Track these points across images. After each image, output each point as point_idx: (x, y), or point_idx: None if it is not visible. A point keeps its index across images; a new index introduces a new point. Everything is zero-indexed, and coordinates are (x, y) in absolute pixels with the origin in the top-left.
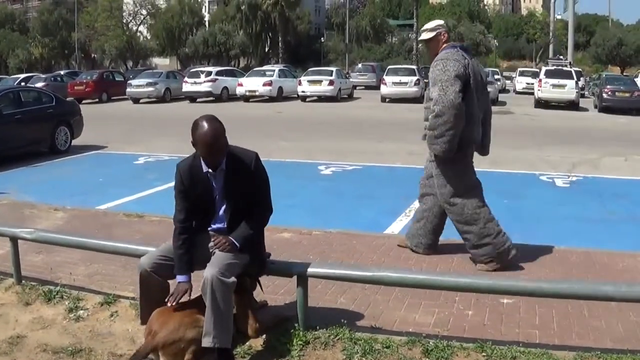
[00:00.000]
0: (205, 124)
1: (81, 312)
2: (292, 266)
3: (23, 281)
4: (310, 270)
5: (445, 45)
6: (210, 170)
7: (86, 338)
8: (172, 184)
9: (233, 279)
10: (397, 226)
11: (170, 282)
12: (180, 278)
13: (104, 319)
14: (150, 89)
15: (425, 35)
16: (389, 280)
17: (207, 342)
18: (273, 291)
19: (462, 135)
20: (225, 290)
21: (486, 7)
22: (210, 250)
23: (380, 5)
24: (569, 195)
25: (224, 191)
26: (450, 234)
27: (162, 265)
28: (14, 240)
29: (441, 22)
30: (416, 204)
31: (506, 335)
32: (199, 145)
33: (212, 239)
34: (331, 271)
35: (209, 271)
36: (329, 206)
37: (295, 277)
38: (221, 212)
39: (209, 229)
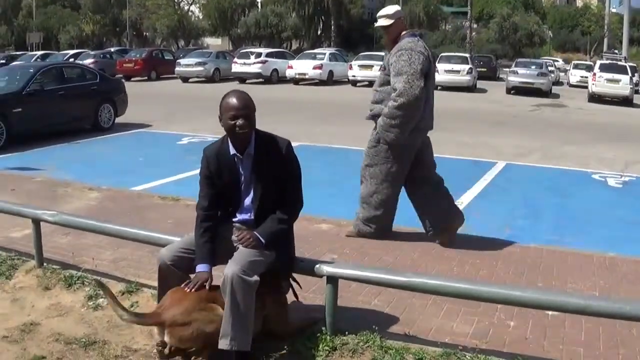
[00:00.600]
0: (232, 93)
1: (101, 300)
2: (322, 266)
3: (45, 264)
4: (340, 271)
5: (404, 32)
6: (237, 153)
7: (102, 329)
8: None
9: (256, 277)
10: None
11: (191, 275)
12: (200, 267)
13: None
14: (200, 68)
15: (384, 22)
16: (425, 288)
17: (224, 344)
18: (303, 288)
19: (418, 123)
20: (246, 290)
21: None
22: (235, 245)
23: None
24: (622, 196)
25: (252, 178)
26: (488, 232)
27: (184, 259)
28: (37, 222)
29: (399, 7)
30: (463, 198)
31: (549, 352)
32: (224, 116)
33: (236, 234)
34: (363, 274)
35: (230, 268)
36: None
37: (324, 278)
38: (247, 201)
39: (234, 220)
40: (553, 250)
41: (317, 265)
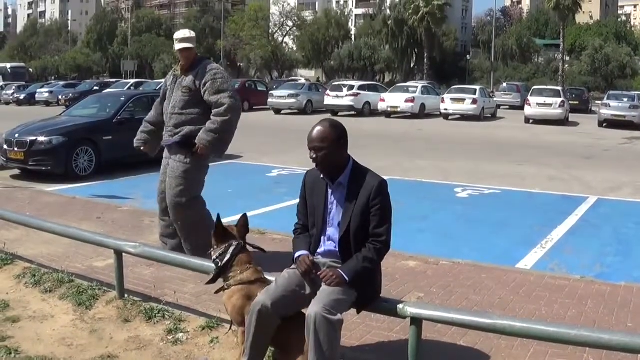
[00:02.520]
0: (317, 124)
1: (180, 334)
2: (406, 307)
3: (126, 296)
4: (424, 312)
5: (196, 56)
6: (327, 181)
7: None
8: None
9: (339, 316)
10: (531, 259)
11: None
12: (299, 253)
13: (203, 344)
14: (292, 100)
15: (188, 44)
16: (512, 331)
17: None
18: (387, 328)
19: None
20: (330, 329)
21: (633, 29)
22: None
23: (527, 25)
24: None
25: (339, 208)
26: (579, 269)
27: (283, 303)
28: (119, 253)
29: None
30: (553, 234)
31: None
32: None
33: (319, 273)
34: (448, 315)
35: (314, 307)
36: (461, 233)
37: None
38: (333, 230)
39: (318, 251)
40: None
41: (401, 306)
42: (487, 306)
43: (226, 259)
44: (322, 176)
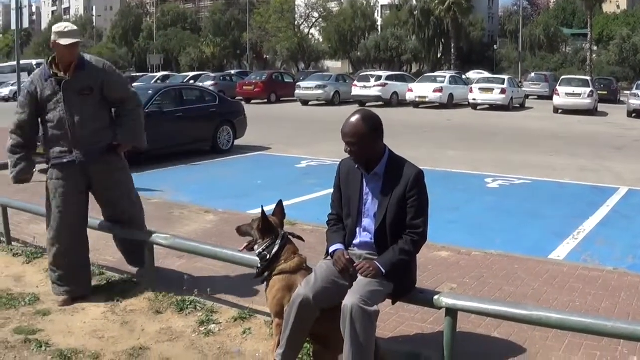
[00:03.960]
0: (351, 116)
1: (213, 326)
2: (441, 298)
3: (157, 288)
4: (460, 303)
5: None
6: (363, 171)
7: (213, 356)
8: (332, 190)
9: (376, 307)
10: (563, 250)
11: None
12: (334, 247)
13: (236, 335)
14: (319, 91)
15: (78, 38)
16: (548, 322)
17: None
18: (421, 319)
19: None
20: (366, 320)
21: None
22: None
23: (554, 14)
24: None
25: (376, 198)
26: (611, 261)
27: (324, 295)
28: (150, 245)
29: None
30: (585, 225)
31: None
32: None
33: (355, 264)
34: (484, 306)
35: (350, 298)
36: (492, 224)
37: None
38: (368, 222)
39: (353, 242)
40: None
41: (437, 297)
42: (521, 297)
43: (274, 250)
44: (357, 166)
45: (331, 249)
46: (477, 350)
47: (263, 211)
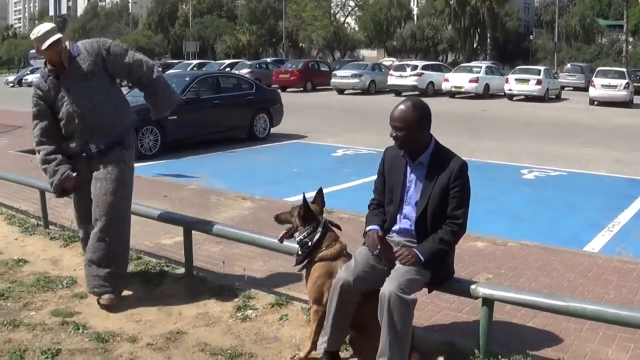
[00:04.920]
0: (401, 103)
1: (249, 311)
2: (478, 288)
3: (194, 273)
4: (497, 293)
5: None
6: (407, 158)
7: (249, 341)
8: (369, 179)
9: (413, 296)
10: (598, 242)
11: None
12: (369, 227)
13: (273, 321)
14: (355, 80)
15: (57, 35)
16: (584, 314)
17: None
18: (457, 309)
19: None
20: (404, 308)
21: None
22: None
23: (590, 4)
24: None
25: (419, 187)
26: None
27: (364, 279)
28: (188, 230)
29: None
30: (620, 218)
31: None
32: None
33: (394, 251)
34: (521, 297)
35: (388, 286)
36: (528, 215)
37: (480, 299)
38: (409, 209)
39: (393, 228)
40: None
41: (473, 286)
42: (556, 289)
43: (316, 237)
44: (402, 154)
45: (367, 229)
46: (513, 340)
47: (305, 199)
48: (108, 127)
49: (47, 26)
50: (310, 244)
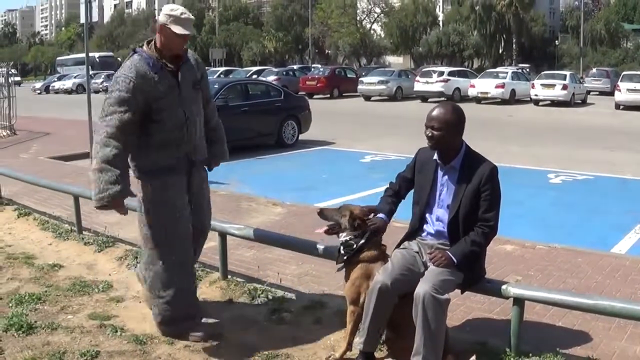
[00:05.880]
0: (439, 104)
1: (284, 314)
2: (509, 288)
3: (229, 277)
4: (527, 293)
5: None
6: (439, 161)
7: (286, 343)
8: None
9: (447, 296)
10: (625, 244)
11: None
12: (379, 216)
13: (307, 324)
14: (382, 87)
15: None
16: (613, 311)
17: None
18: (488, 309)
19: None
20: (438, 308)
21: None
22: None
23: (615, 9)
24: None
25: (451, 190)
26: None
27: (401, 282)
28: (223, 235)
29: None
30: None
31: None
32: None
33: (428, 253)
34: (550, 296)
35: (422, 287)
36: (556, 218)
37: (511, 299)
38: (442, 212)
39: (427, 231)
40: None
41: (504, 287)
42: (584, 289)
43: (362, 242)
44: (434, 157)
45: (378, 216)
46: (543, 339)
47: (362, 207)
48: (203, 145)
49: (189, 14)
50: (355, 246)
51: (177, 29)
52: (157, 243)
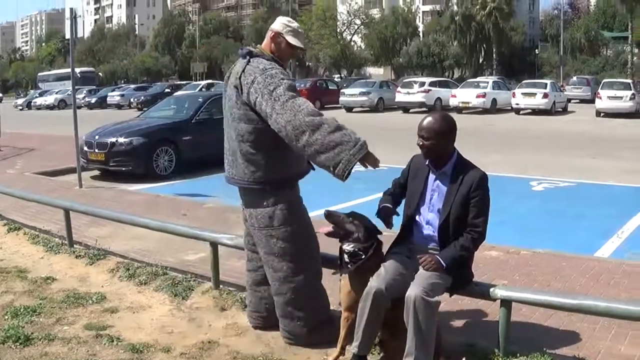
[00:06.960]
0: (430, 114)
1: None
2: (496, 290)
3: (221, 286)
4: (514, 295)
5: None
6: (431, 167)
7: (279, 349)
8: (380, 194)
9: (437, 298)
10: (608, 249)
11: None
12: (382, 204)
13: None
14: (364, 98)
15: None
16: (597, 310)
17: None
18: (476, 311)
19: None
20: (429, 310)
21: None
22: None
23: (595, 17)
24: None
25: (442, 196)
26: None
27: (395, 286)
28: (214, 245)
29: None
30: (630, 225)
31: None
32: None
33: (418, 257)
34: (537, 297)
35: (413, 290)
36: (539, 224)
37: (498, 301)
38: (433, 216)
39: (417, 235)
40: None
41: (492, 289)
42: (569, 292)
43: (370, 252)
44: (427, 163)
45: (381, 206)
46: (530, 340)
47: (375, 228)
48: None
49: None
50: (364, 256)
51: (293, 40)
52: (300, 257)
